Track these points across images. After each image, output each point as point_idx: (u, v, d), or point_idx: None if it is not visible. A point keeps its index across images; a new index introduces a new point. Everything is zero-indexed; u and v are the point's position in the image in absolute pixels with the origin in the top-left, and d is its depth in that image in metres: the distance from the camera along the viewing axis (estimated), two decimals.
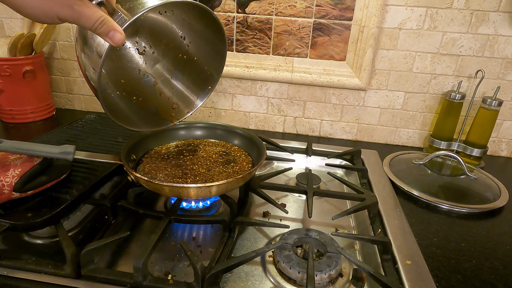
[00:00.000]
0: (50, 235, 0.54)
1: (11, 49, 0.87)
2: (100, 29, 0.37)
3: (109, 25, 0.37)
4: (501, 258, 0.54)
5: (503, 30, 0.80)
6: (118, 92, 0.59)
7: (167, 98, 0.65)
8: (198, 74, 0.64)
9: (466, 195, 0.71)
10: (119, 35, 0.38)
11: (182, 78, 0.65)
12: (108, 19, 0.38)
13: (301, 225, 0.62)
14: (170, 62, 0.64)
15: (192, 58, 0.63)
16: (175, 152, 0.68)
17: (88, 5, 0.36)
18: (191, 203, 0.62)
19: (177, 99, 0.66)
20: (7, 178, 0.49)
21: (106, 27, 0.37)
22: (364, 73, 0.87)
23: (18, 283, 0.44)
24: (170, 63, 0.64)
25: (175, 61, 0.64)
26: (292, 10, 0.86)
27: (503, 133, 0.90)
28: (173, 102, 0.65)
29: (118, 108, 0.58)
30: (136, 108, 0.62)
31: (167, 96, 0.65)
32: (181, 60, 0.63)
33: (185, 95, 0.66)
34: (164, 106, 0.65)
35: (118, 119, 0.55)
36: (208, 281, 0.43)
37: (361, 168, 0.75)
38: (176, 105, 0.65)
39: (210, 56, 0.62)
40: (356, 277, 0.50)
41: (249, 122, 1.01)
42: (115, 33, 0.38)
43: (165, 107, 0.65)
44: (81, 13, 0.35)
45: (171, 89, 0.65)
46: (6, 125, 0.94)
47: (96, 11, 0.37)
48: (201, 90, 0.65)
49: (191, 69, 0.64)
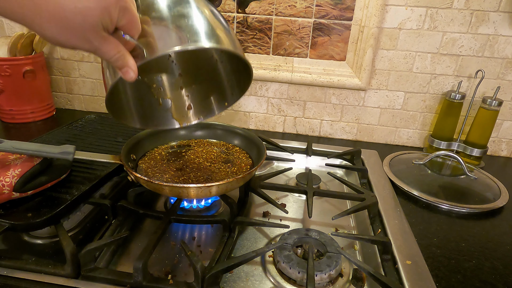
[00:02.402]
0: (50, 235, 0.54)
1: (11, 49, 0.87)
2: (115, 63, 0.37)
3: (124, 61, 0.38)
4: (501, 258, 0.54)
5: (503, 30, 0.80)
6: (140, 76, 0.56)
7: (184, 96, 0.62)
8: (220, 86, 0.61)
9: (466, 195, 0.71)
10: (131, 73, 0.38)
11: (204, 83, 0.62)
12: (124, 55, 0.38)
13: (301, 225, 0.62)
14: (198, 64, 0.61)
15: (219, 71, 0.60)
16: (175, 152, 0.68)
17: (107, 40, 0.36)
18: (191, 203, 0.62)
19: (194, 101, 0.63)
20: (7, 178, 0.49)
21: (121, 63, 0.38)
22: (364, 73, 0.87)
23: (18, 283, 0.44)
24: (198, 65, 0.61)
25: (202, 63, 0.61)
26: (292, 10, 0.86)
27: (503, 133, 0.90)
28: (188, 103, 0.63)
29: (125, 99, 0.56)
30: (147, 101, 0.59)
31: (186, 93, 0.63)
32: (209, 63, 0.60)
33: (201, 100, 0.63)
34: (179, 103, 0.62)
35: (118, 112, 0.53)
36: (208, 281, 0.43)
37: (361, 168, 0.75)
38: (191, 106, 0.63)
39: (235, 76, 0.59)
40: (356, 277, 0.50)
41: (249, 122, 1.01)
42: (128, 70, 0.38)
43: (180, 103, 0.62)
44: (98, 48, 0.36)
45: (192, 87, 0.62)
46: (6, 125, 0.94)
47: (114, 47, 0.36)
48: (218, 102, 0.62)
49: (215, 77, 0.61)
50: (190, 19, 0.41)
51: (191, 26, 0.41)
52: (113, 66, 0.39)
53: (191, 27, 0.41)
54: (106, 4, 0.33)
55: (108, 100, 0.46)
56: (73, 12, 0.32)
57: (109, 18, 0.34)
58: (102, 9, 0.33)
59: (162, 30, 0.40)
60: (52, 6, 0.31)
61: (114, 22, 0.35)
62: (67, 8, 0.31)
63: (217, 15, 0.45)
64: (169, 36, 0.40)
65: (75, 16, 0.32)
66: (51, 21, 0.32)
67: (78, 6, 0.32)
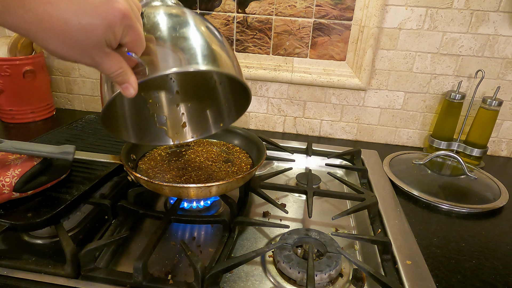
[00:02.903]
0: (50, 235, 0.54)
1: (11, 49, 0.87)
2: (115, 78, 0.37)
3: (125, 78, 0.37)
4: (501, 258, 0.54)
5: (503, 30, 0.80)
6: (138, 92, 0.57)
7: (180, 113, 0.63)
8: (217, 106, 0.61)
9: (466, 195, 0.71)
10: (132, 90, 0.38)
11: (201, 102, 0.62)
12: (126, 71, 0.37)
13: (301, 225, 0.62)
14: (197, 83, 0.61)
15: (217, 92, 0.60)
16: (175, 152, 0.69)
17: (110, 56, 0.35)
18: (191, 203, 0.62)
19: (189, 119, 0.63)
20: (7, 178, 0.49)
21: (121, 79, 0.37)
22: (364, 73, 0.87)
23: (18, 283, 0.44)
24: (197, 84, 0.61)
25: (201, 83, 0.61)
26: (292, 10, 0.86)
27: (503, 133, 0.90)
28: (183, 120, 0.63)
29: (120, 112, 0.56)
30: (142, 115, 0.59)
31: (181, 111, 0.63)
32: (208, 84, 0.61)
33: (197, 118, 0.63)
34: (174, 120, 0.63)
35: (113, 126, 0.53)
36: (208, 281, 0.43)
37: (361, 168, 0.75)
38: (185, 124, 0.63)
39: (233, 99, 0.59)
40: (356, 277, 0.50)
41: (249, 122, 1.01)
42: (128, 86, 0.38)
43: (175, 121, 0.63)
44: (100, 63, 0.35)
45: (188, 105, 0.63)
46: (6, 125, 0.94)
47: (116, 63, 0.36)
48: (213, 122, 0.62)
49: (213, 97, 0.61)
50: (194, 41, 0.42)
51: (194, 48, 0.41)
52: (113, 81, 0.39)
53: (195, 49, 0.41)
54: (110, 22, 0.33)
55: (104, 114, 0.46)
56: (77, 28, 0.31)
57: (113, 35, 0.34)
58: (106, 26, 0.32)
59: (165, 49, 0.40)
60: (56, 22, 0.31)
61: (118, 39, 0.35)
62: (71, 24, 0.31)
63: (219, 38, 0.46)
64: (172, 56, 0.40)
65: (79, 32, 0.32)
66: (54, 37, 0.32)
67: (82, 23, 0.31)
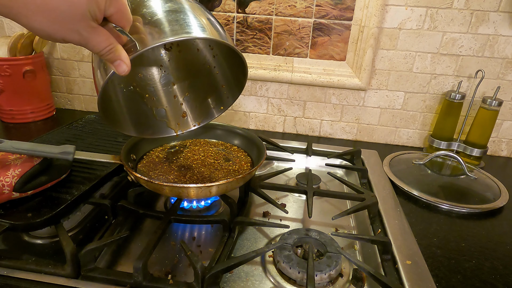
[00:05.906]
0: (50, 235, 0.54)
1: (11, 49, 0.87)
2: (106, 56, 0.36)
3: (116, 54, 0.37)
4: (501, 258, 0.54)
5: (503, 30, 0.80)
6: (132, 87, 0.57)
7: (179, 104, 0.63)
8: (215, 91, 0.61)
9: (466, 195, 0.71)
10: (124, 66, 0.38)
11: (198, 89, 0.63)
12: (117, 48, 0.37)
13: (301, 225, 0.62)
14: (191, 70, 0.62)
15: (214, 71, 0.60)
16: (175, 152, 0.68)
17: (97, 32, 0.35)
18: (191, 203, 0.62)
19: (188, 108, 0.64)
20: (7, 178, 0.49)
21: (112, 56, 0.37)
22: (364, 73, 0.87)
23: (18, 283, 0.44)
24: (191, 71, 0.62)
25: (196, 70, 0.61)
26: (292, 10, 0.86)
27: (503, 133, 0.90)
28: (183, 110, 0.63)
29: (118, 108, 0.57)
30: (141, 110, 0.60)
31: (179, 101, 0.63)
32: (202, 70, 0.61)
33: (197, 106, 0.63)
34: (174, 111, 0.63)
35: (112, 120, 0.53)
36: (208, 281, 0.43)
37: (361, 168, 0.75)
38: (185, 114, 0.63)
39: (230, 78, 0.60)
40: (356, 277, 0.50)
41: (249, 122, 1.01)
42: (121, 63, 0.37)
43: (174, 112, 0.63)
44: (89, 39, 0.35)
45: (186, 95, 0.63)
46: (6, 125, 0.94)
47: (105, 39, 0.35)
48: (214, 107, 0.62)
49: (209, 83, 0.62)
50: (181, 14, 0.42)
51: (183, 19, 0.42)
52: (105, 60, 0.38)
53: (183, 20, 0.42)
54: None
55: (100, 103, 0.46)
56: (59, 1, 0.31)
57: (96, 5, 0.33)
58: None
59: (153, 24, 0.40)
60: None
61: (102, 10, 0.34)
62: None
63: (206, 11, 0.47)
64: (161, 29, 0.40)
65: (62, 5, 0.32)
66: (38, 12, 0.31)
67: None
